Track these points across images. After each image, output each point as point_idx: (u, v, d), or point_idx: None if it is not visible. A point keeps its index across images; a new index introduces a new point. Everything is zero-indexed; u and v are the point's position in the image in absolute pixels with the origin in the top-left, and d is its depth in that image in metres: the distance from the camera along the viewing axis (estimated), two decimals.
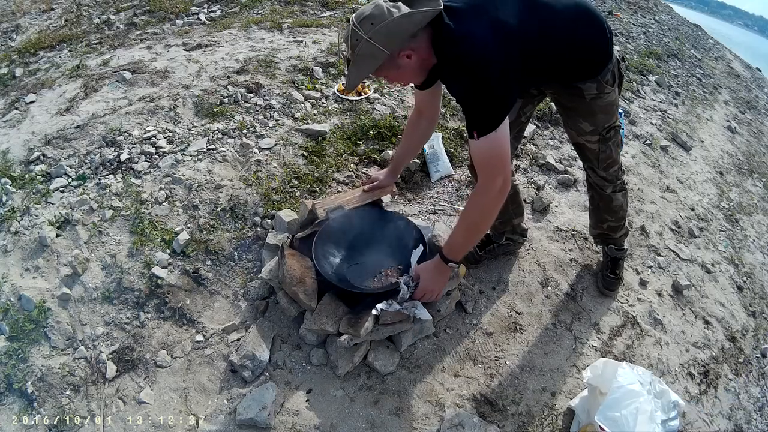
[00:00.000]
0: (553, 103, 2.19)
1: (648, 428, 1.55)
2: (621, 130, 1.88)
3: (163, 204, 2.22)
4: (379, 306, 1.71)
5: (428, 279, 1.71)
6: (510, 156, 1.40)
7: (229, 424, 1.63)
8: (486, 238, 2.30)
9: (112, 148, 2.46)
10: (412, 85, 1.75)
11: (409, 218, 2.09)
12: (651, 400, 1.64)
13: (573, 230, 2.62)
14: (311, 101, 3.00)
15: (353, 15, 1.37)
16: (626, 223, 2.21)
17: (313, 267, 1.93)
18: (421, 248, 1.85)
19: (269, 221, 2.25)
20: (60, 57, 3.63)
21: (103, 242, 2.07)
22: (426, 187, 2.69)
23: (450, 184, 2.71)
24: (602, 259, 2.38)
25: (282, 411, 1.67)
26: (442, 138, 2.80)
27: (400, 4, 1.36)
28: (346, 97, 3.04)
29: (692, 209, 3.20)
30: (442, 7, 1.34)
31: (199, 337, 1.87)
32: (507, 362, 1.95)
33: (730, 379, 2.19)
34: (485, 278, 2.26)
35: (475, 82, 1.33)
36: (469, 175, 2.77)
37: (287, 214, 2.18)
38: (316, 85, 3.14)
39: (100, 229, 2.11)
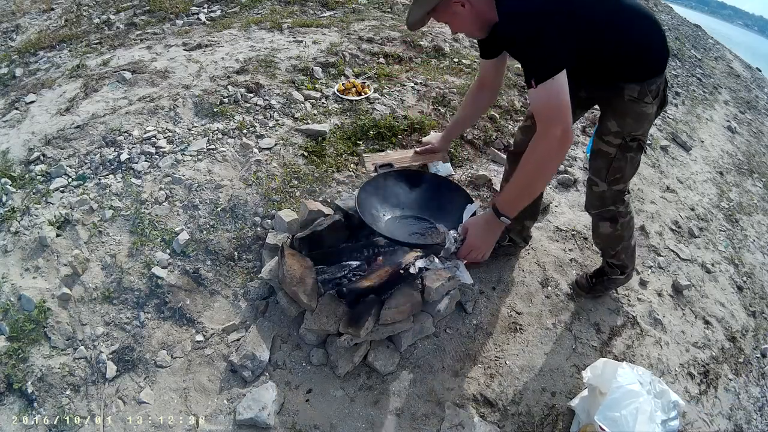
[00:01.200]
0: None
1: (648, 428, 1.55)
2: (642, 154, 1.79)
3: (163, 204, 2.22)
4: (419, 263, 1.57)
5: (477, 235, 1.55)
6: (570, 109, 1.35)
7: (229, 424, 1.63)
8: None
9: (112, 148, 2.46)
10: (478, 54, 1.79)
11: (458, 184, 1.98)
12: (651, 400, 1.64)
13: (573, 230, 2.62)
14: (311, 101, 3.00)
15: None
16: (621, 254, 2.07)
17: (313, 267, 1.93)
18: (476, 204, 1.72)
19: (269, 221, 2.25)
20: (60, 57, 3.63)
21: (103, 242, 2.07)
22: None
23: None
24: None
25: (282, 411, 1.67)
26: None
27: None
28: (346, 97, 3.04)
29: (692, 209, 3.20)
30: None
31: (199, 337, 1.87)
32: (507, 362, 1.95)
33: (730, 379, 2.19)
34: (485, 278, 2.26)
35: (534, 29, 1.34)
36: (470, 176, 2.77)
37: (287, 214, 2.18)
38: (316, 85, 3.14)
39: (100, 229, 2.11)
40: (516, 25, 1.39)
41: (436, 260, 1.62)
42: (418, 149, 2.11)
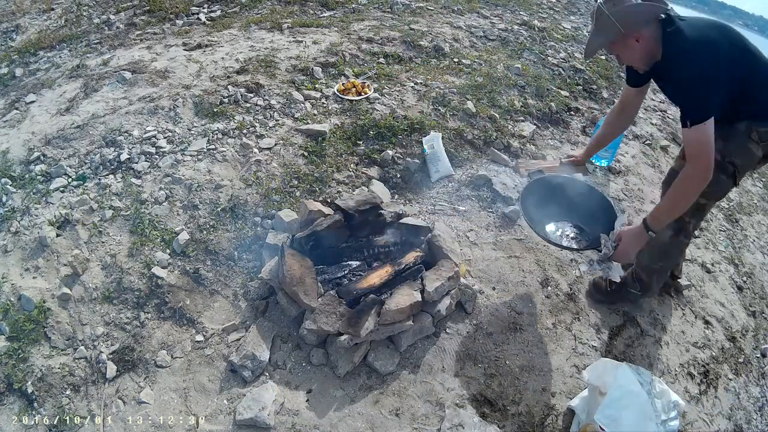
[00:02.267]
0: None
1: (648, 428, 1.55)
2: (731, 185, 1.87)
3: (163, 204, 2.22)
4: (582, 268, 1.90)
5: (628, 242, 1.82)
6: (713, 151, 1.58)
7: (229, 424, 1.63)
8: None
9: (112, 148, 2.46)
10: (624, 81, 2.03)
11: (602, 193, 2.24)
12: (651, 400, 1.63)
13: None
14: (311, 101, 3.00)
15: None
16: (654, 274, 2.13)
17: (313, 267, 1.93)
18: (624, 217, 1.97)
19: (269, 221, 2.25)
20: (60, 57, 3.63)
21: (103, 242, 2.07)
22: (426, 187, 2.69)
23: (450, 184, 2.71)
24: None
25: (282, 411, 1.67)
26: (442, 138, 2.80)
27: None
28: (346, 97, 3.04)
29: None
30: (669, 6, 1.65)
31: (199, 337, 1.87)
32: (507, 362, 1.95)
33: (730, 379, 2.19)
34: (485, 278, 2.26)
35: (695, 76, 1.56)
36: (470, 176, 2.77)
37: (287, 214, 2.18)
38: (316, 85, 3.14)
39: (100, 229, 2.11)
40: (682, 70, 1.61)
41: (595, 263, 1.93)
42: (564, 159, 2.39)
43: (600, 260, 1.92)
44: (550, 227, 2.18)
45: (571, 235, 2.17)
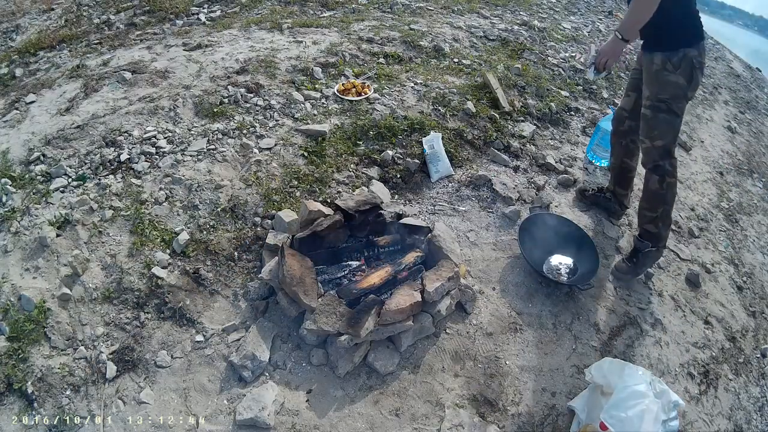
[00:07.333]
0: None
1: (653, 429, 1.55)
2: (678, 120, 2.08)
3: (163, 204, 2.22)
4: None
5: (606, 47, 2.09)
6: None
7: (229, 424, 1.63)
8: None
9: (112, 148, 2.46)
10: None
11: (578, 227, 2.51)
12: (656, 400, 1.63)
13: None
14: (311, 101, 3.00)
15: None
16: (659, 221, 2.30)
17: (313, 267, 1.93)
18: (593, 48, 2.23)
19: (269, 221, 2.25)
20: (60, 57, 3.63)
21: (103, 242, 2.07)
22: (426, 187, 2.69)
23: (450, 184, 2.71)
24: None
25: (282, 411, 1.67)
26: (442, 138, 2.80)
27: None
28: (346, 98, 3.04)
29: (692, 209, 3.20)
30: None
31: (199, 337, 1.87)
32: (507, 362, 1.95)
33: (730, 379, 2.19)
34: (485, 278, 2.26)
35: None
36: (470, 176, 2.77)
37: (287, 214, 2.18)
38: (316, 86, 3.14)
39: (100, 229, 2.11)
40: None
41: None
42: None
43: (586, 66, 2.22)
44: (551, 260, 2.42)
45: (564, 269, 2.39)
